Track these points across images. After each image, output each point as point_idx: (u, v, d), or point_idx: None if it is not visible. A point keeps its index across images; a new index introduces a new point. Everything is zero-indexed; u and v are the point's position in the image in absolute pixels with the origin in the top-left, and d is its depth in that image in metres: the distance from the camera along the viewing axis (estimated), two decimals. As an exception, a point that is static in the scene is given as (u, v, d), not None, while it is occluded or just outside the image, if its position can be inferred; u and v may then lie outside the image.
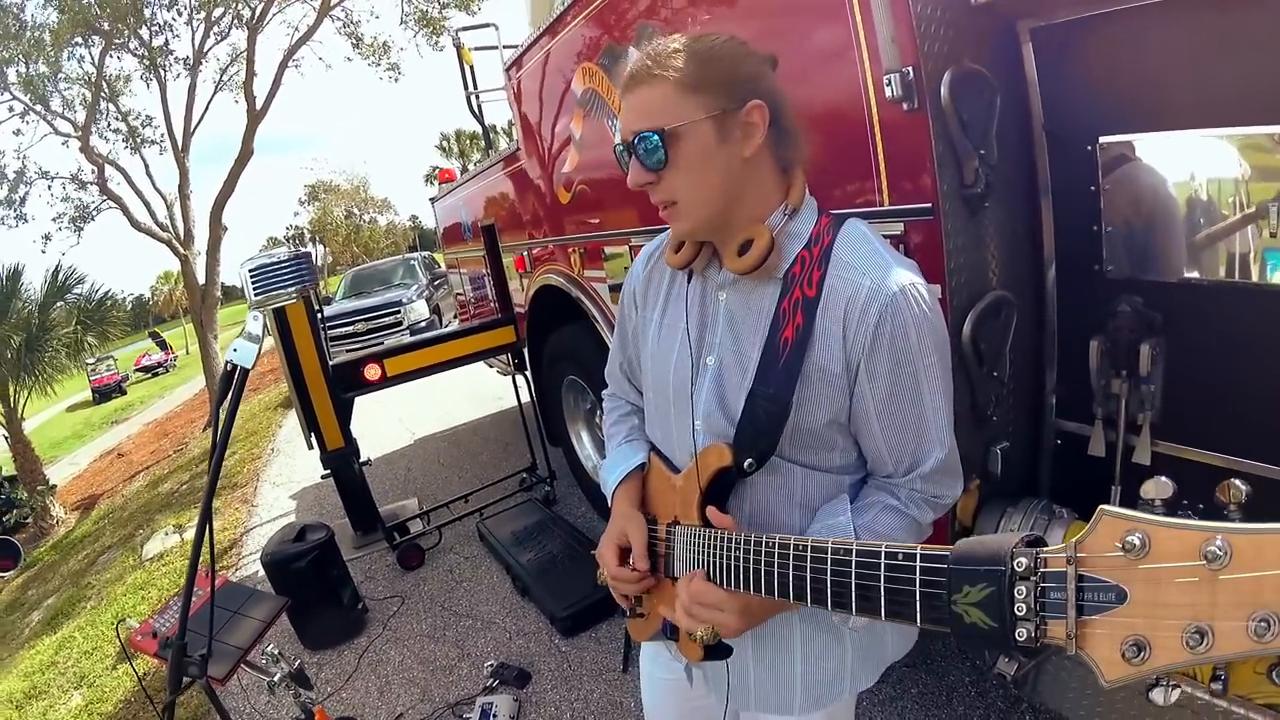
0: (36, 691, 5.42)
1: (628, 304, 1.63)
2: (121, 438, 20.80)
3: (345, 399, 5.03)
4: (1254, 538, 0.58)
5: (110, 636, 5.71)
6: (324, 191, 50.93)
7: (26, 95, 13.90)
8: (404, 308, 14.53)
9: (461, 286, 7.32)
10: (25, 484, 12.75)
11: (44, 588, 9.09)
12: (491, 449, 7.48)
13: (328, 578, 4.31)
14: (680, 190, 1.25)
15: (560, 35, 3.65)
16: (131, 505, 11.03)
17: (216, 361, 15.22)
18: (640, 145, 1.22)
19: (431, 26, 15.47)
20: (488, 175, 5.56)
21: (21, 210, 15.12)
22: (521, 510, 5.32)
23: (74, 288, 13.23)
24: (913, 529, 1.30)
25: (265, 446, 10.41)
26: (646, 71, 1.22)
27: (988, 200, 1.90)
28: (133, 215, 14.83)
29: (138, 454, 16.67)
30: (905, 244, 1.96)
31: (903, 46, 1.79)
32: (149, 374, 40.06)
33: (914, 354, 1.20)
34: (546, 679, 3.59)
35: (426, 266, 17.72)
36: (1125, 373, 1.91)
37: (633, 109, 1.25)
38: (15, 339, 11.98)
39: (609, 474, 1.60)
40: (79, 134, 14.36)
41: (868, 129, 1.97)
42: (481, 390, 9.48)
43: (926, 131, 1.82)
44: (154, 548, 7.58)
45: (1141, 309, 1.86)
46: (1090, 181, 1.88)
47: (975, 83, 1.83)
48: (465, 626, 4.25)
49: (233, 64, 15.58)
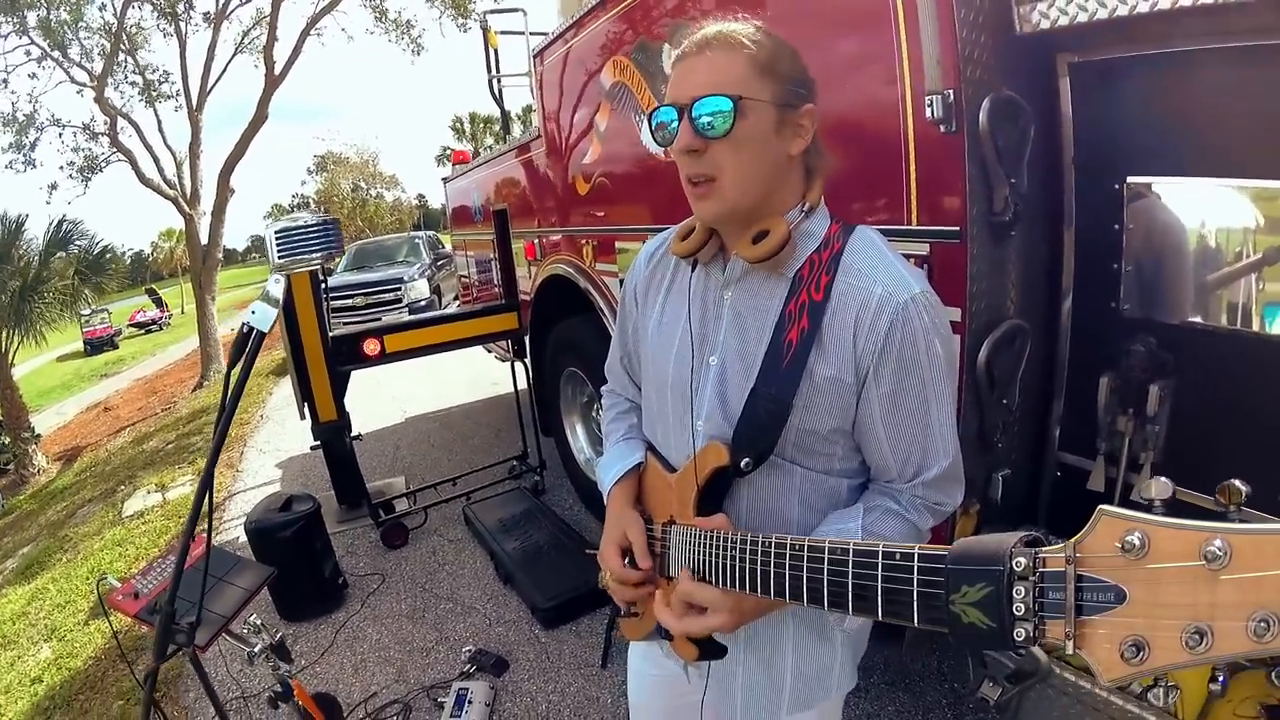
0: (5, 641, 5.39)
1: (629, 300, 1.62)
2: (110, 391, 20.72)
3: (342, 372, 5.00)
4: (1253, 538, 0.58)
5: (85, 591, 5.69)
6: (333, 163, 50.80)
7: (45, 41, 13.83)
8: (405, 285, 14.49)
9: (466, 268, 7.30)
10: (9, 430, 12.71)
11: (20, 535, 9.04)
12: (483, 434, 7.46)
13: (311, 550, 4.28)
14: (728, 167, 1.21)
15: (592, 26, 3.64)
16: (115, 460, 10.99)
17: (212, 323, 15.21)
18: (704, 109, 1.18)
19: (459, 8, 15.43)
20: (505, 159, 5.54)
21: (31, 156, 15.08)
22: (509, 498, 5.31)
23: (76, 240, 13.20)
24: (912, 534, 1.29)
25: (255, 413, 10.37)
26: (725, 39, 1.20)
27: (1014, 229, 1.91)
28: (141, 170, 14.83)
29: (125, 409, 16.60)
30: (929, 265, 1.96)
31: (946, 69, 1.81)
32: (143, 330, 40.01)
33: (922, 362, 1.20)
34: (524, 668, 3.58)
35: (431, 246, 17.68)
36: (1132, 411, 1.91)
37: (700, 72, 1.20)
38: (11, 285, 11.93)
39: (606, 472, 1.59)
40: (94, 84, 14.30)
41: (902, 148, 1.98)
42: (478, 375, 9.46)
43: (961, 155, 1.83)
44: (135, 505, 7.54)
45: (1154, 349, 1.86)
46: (1115, 220, 1.89)
47: (1012, 111, 1.83)
48: (445, 610, 4.23)
49: (255, 27, 15.57)
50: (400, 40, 16.03)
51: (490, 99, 6.84)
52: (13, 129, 14.68)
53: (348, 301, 14.09)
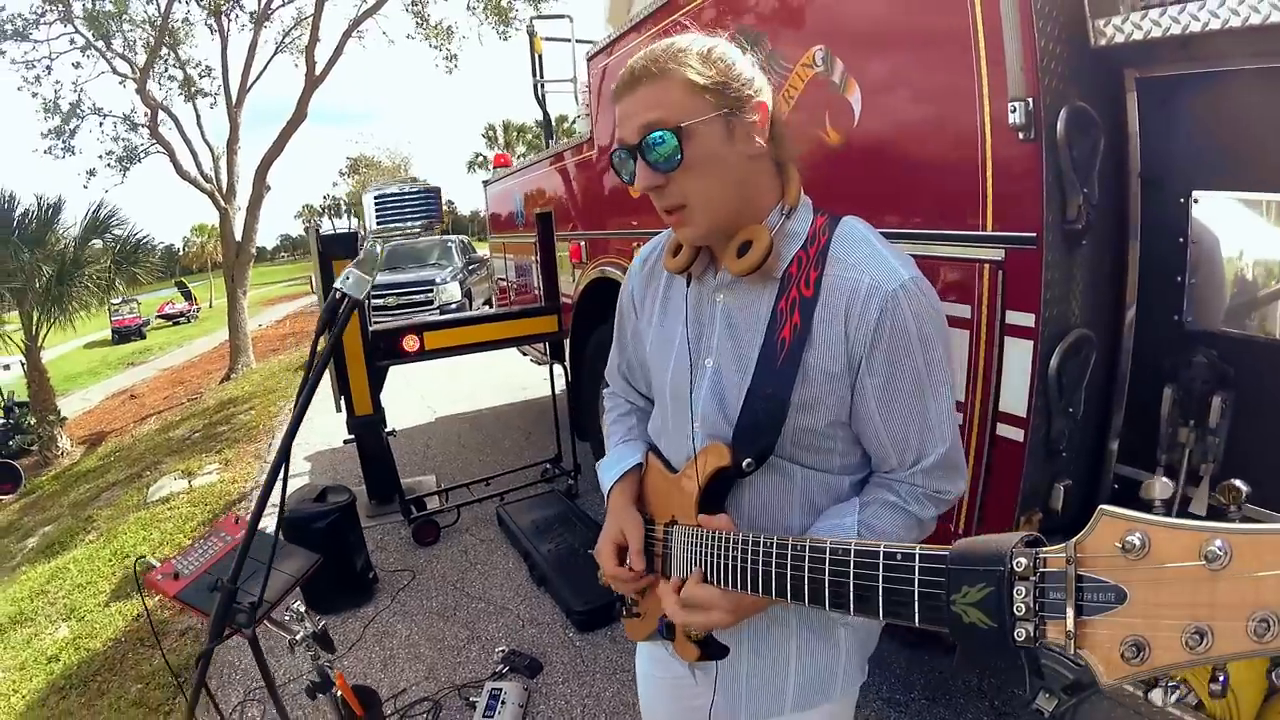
0: (22, 617, 5.40)
1: (626, 307, 1.63)
2: (136, 380, 20.89)
3: (380, 367, 5.01)
4: (1254, 538, 0.58)
5: (106, 573, 5.70)
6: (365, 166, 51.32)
7: (90, 31, 13.98)
8: (437, 287, 14.57)
9: (505, 272, 7.29)
10: (36, 411, 12.82)
11: (42, 515, 9.10)
12: (513, 436, 7.44)
13: (344, 542, 4.27)
14: (692, 193, 1.23)
15: (650, 31, 3.63)
16: (140, 446, 11.06)
17: (243, 316, 15.31)
18: (651, 145, 1.19)
19: (501, 16, 15.50)
20: (550, 163, 5.53)
21: (70, 143, 15.22)
22: (543, 500, 5.28)
23: (113, 228, 13.31)
24: (913, 525, 1.29)
25: (283, 406, 10.42)
26: (652, 70, 1.20)
27: (1085, 238, 1.93)
28: (179, 163, 14.96)
29: (151, 398, 16.73)
30: (1004, 270, 1.98)
31: (1027, 77, 1.83)
32: (170, 322, 40.33)
33: (915, 348, 1.20)
34: (558, 671, 3.54)
35: (463, 250, 17.76)
36: (1193, 423, 1.92)
37: (638, 109, 1.21)
38: (46, 269, 12.03)
39: (606, 473, 1.60)
40: (136, 76, 14.44)
41: (979, 154, 2.00)
42: (507, 378, 9.46)
43: (1039, 162, 1.85)
44: (161, 490, 7.57)
45: (1216, 362, 1.88)
46: (1179, 233, 1.91)
47: (1085, 121, 1.86)
48: (477, 609, 4.20)
49: (296, 27, 15.70)
50: (441, 48, 16.11)
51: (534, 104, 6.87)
52: (55, 116, 14.82)
53: (380, 301, 14.19)
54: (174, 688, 3.81)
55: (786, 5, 2.73)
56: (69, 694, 4.12)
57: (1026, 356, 1.97)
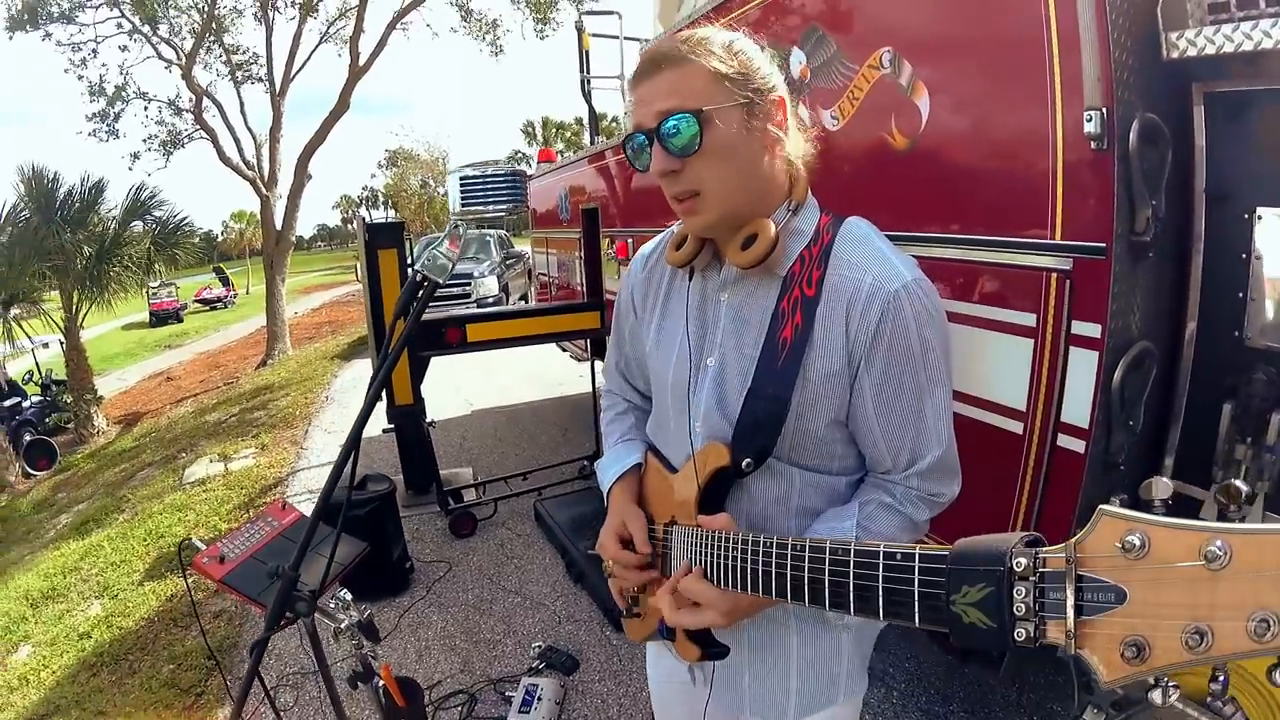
0: (55, 593, 5.48)
1: (625, 305, 1.62)
2: (173, 362, 21.15)
3: (422, 357, 5.04)
4: (1253, 538, 0.58)
5: (141, 552, 5.76)
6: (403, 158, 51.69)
7: (136, 15, 14.15)
8: (474, 281, 14.57)
9: (547, 268, 7.29)
10: (73, 390, 12.99)
11: (76, 493, 9.24)
12: (550, 432, 7.44)
13: (383, 531, 4.28)
14: (706, 180, 1.22)
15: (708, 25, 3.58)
16: (177, 428, 11.19)
17: (281, 303, 15.46)
18: (670, 128, 1.19)
19: (541, 12, 15.55)
20: (597, 160, 5.53)
21: (115, 126, 15.42)
22: (581, 497, 5.27)
23: (153, 209, 13.46)
24: (908, 527, 1.29)
25: (319, 394, 10.51)
26: (675, 54, 1.20)
27: (1151, 251, 1.91)
28: (222, 149, 15.15)
29: (187, 380, 16.93)
30: (1072, 280, 1.97)
31: (1103, 87, 1.82)
32: (208, 306, 40.86)
33: (915, 351, 1.21)
34: (595, 669, 3.52)
35: (501, 245, 17.80)
36: (1250, 440, 1.90)
37: (659, 92, 1.21)
38: (87, 249, 12.18)
39: (606, 472, 1.59)
40: (181, 62, 14.59)
41: (1050, 162, 1.98)
42: (543, 373, 9.47)
43: (1111, 172, 1.83)
44: (197, 473, 7.65)
45: (1276, 380, 1.87)
46: (1243, 249, 1.89)
47: (1155, 134, 1.85)
48: (513, 603, 4.19)
49: (341, 18, 15.82)
50: (483, 40, 16.18)
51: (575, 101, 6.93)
52: (101, 99, 15.00)
53: (416, 294, 14.18)
54: (206, 670, 3.83)
55: (849, 7, 2.70)
56: (100, 671, 4.16)
57: (1091, 368, 1.95)
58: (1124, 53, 1.80)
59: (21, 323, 12.88)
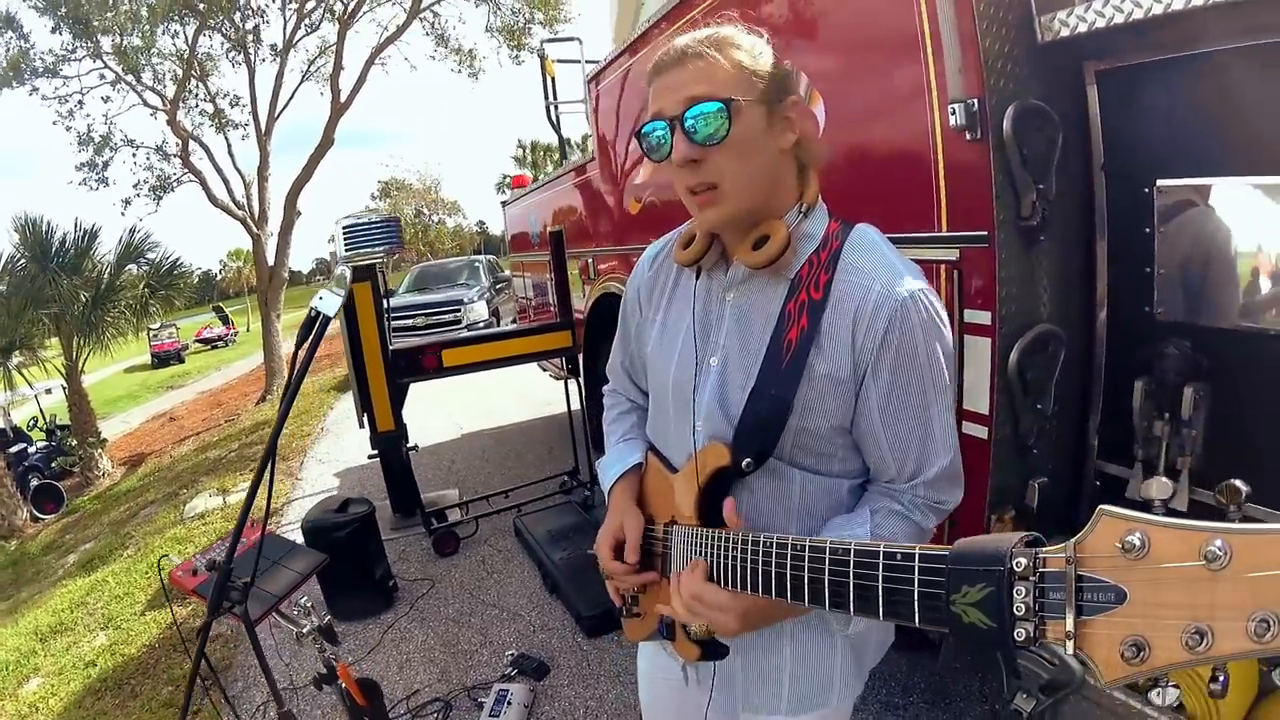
0: (63, 627, 5.64)
1: (631, 304, 1.62)
2: (175, 403, 21.21)
3: (401, 384, 5.18)
4: (1253, 538, 0.58)
5: (144, 584, 5.91)
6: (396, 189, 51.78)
7: (119, 65, 14.30)
8: (464, 307, 14.73)
9: (524, 291, 7.45)
10: (77, 434, 13.09)
11: (82, 533, 9.36)
12: (536, 450, 7.57)
13: (364, 551, 4.43)
14: (728, 173, 1.21)
15: (643, 52, 3.76)
16: (179, 466, 11.29)
17: (277, 339, 15.54)
18: (696, 117, 1.18)
19: (515, 39, 15.80)
20: (559, 183, 5.70)
21: (104, 174, 15.53)
22: (559, 510, 5.40)
23: (146, 252, 13.60)
24: (915, 534, 1.28)
25: (315, 425, 10.62)
26: (703, 48, 1.20)
27: (1043, 234, 1.95)
28: (211, 191, 15.23)
29: (190, 419, 17.01)
30: (960, 270, 2.01)
31: (969, 77, 1.86)
32: (208, 346, 40.87)
33: (921, 360, 1.20)
34: (565, 674, 3.65)
35: (490, 270, 17.95)
36: (1168, 416, 1.90)
37: (684, 81, 1.20)
38: (83, 295, 12.34)
39: (607, 471, 1.60)
40: (166, 108, 14.78)
41: (931, 155, 2.04)
42: (532, 393, 9.59)
43: (987, 161, 1.87)
44: (197, 507, 7.78)
45: (1189, 352, 1.86)
46: (1145, 223, 1.90)
47: (1038, 118, 1.88)
48: (491, 615, 4.33)
49: (321, 56, 16.04)
50: (461, 67, 16.43)
51: (549, 126, 7.01)
52: (88, 148, 15.18)
53: (408, 322, 14.36)
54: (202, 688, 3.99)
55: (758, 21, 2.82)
56: (104, 695, 4.32)
57: (985, 354, 1.98)
58: (997, 42, 1.84)
59: (23, 370, 12.99)
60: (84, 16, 13.30)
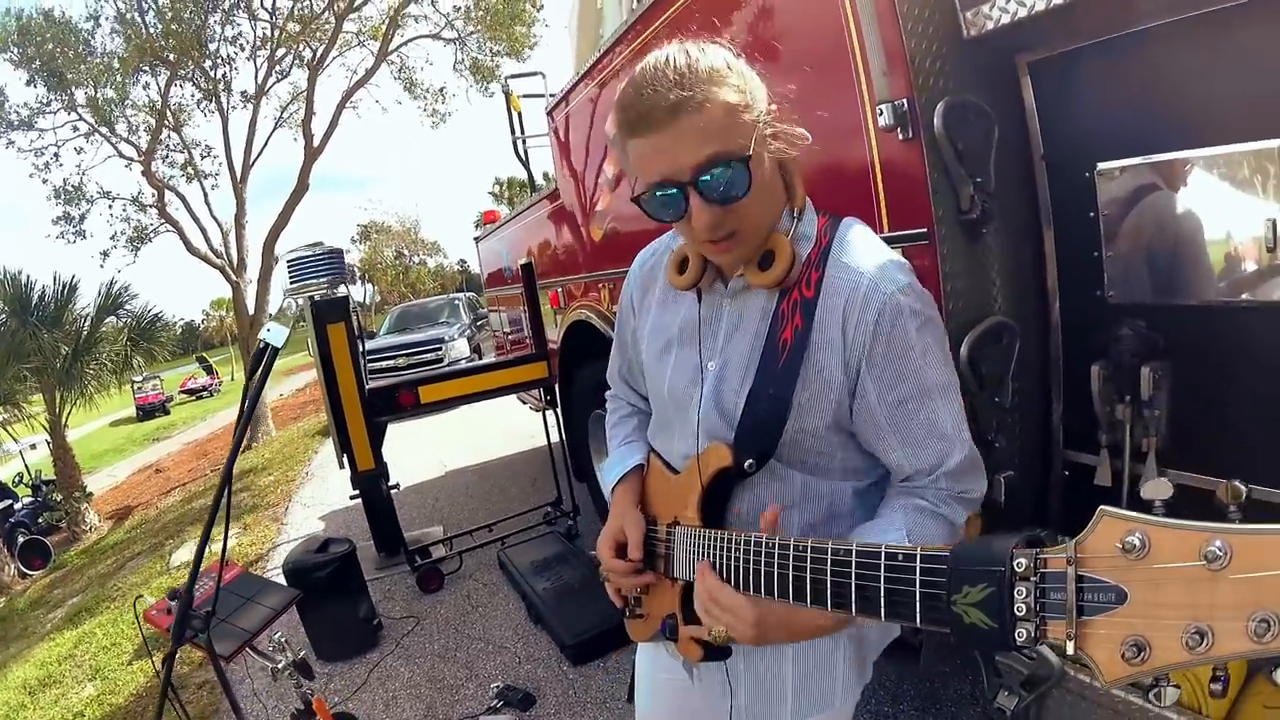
0: (51, 680, 5.61)
1: (626, 310, 1.63)
2: (161, 454, 21.07)
3: (379, 423, 5.17)
4: (1253, 538, 0.59)
5: (130, 635, 5.87)
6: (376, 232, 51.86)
7: (92, 118, 14.38)
8: (445, 345, 14.70)
9: (501, 325, 7.47)
10: (63, 489, 12.99)
11: (69, 588, 9.27)
12: (520, 483, 7.56)
13: (347, 590, 4.41)
14: (747, 218, 1.19)
15: (596, 79, 3.81)
16: (165, 518, 11.22)
17: (260, 387, 15.46)
18: (715, 180, 1.13)
19: (483, 74, 15.97)
20: (527, 215, 5.73)
21: (80, 227, 15.53)
22: (543, 541, 5.39)
23: (125, 304, 13.59)
24: (946, 529, 1.25)
25: (300, 470, 10.62)
26: (690, 97, 1.10)
27: (986, 227, 1.96)
28: (189, 240, 15.23)
29: (176, 471, 16.91)
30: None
31: (895, 79, 1.89)
32: (193, 396, 40.59)
33: (914, 353, 1.19)
34: (551, 704, 3.63)
35: (470, 307, 17.97)
36: (1129, 398, 1.91)
37: (686, 142, 1.12)
38: (64, 349, 12.31)
39: (608, 474, 1.61)
40: (141, 159, 14.83)
41: (868, 157, 2.06)
42: (516, 427, 9.58)
43: (921, 159, 1.90)
44: (182, 556, 7.74)
45: (1144, 332, 1.88)
46: (1089, 208, 1.93)
47: (971, 113, 1.91)
48: (476, 649, 4.31)
49: (293, 102, 16.13)
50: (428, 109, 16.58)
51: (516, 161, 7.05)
52: (63, 201, 15.18)
53: (389, 363, 14.34)
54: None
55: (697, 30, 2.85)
56: (90, 744, 4.28)
57: None
58: (923, 41, 1.85)
59: (8, 427, 12.93)
60: (58, 69, 13.38)
